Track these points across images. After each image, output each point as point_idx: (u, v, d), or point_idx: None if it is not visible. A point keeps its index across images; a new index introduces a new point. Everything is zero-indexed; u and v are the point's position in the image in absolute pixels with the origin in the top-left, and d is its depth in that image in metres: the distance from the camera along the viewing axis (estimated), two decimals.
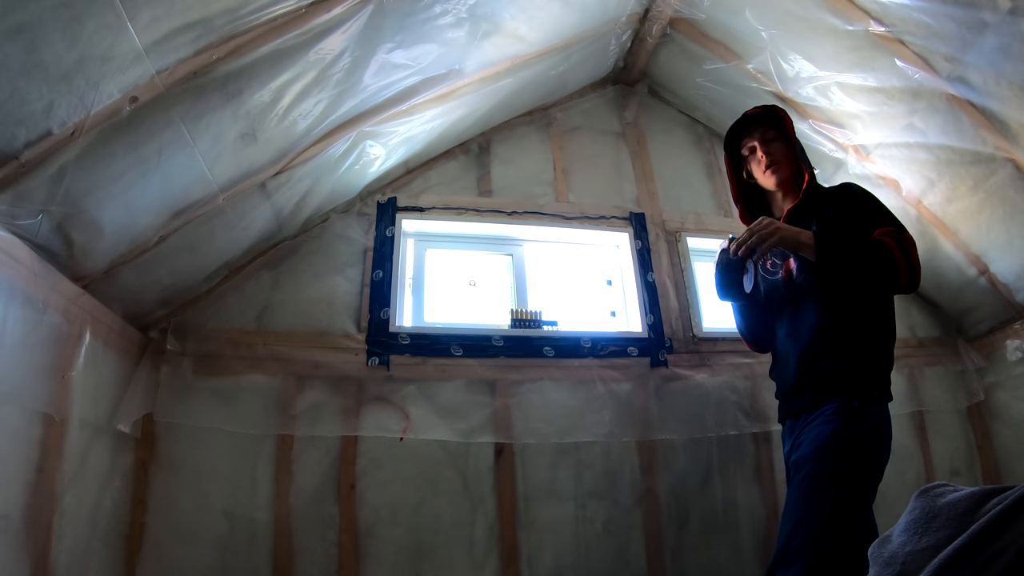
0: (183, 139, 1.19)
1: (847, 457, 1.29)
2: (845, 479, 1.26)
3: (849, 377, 1.37)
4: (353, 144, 1.66)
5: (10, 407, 1.07)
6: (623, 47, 2.26)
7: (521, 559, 1.65)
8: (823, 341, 1.42)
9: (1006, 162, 1.75)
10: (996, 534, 0.55)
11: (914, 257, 1.31)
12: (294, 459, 1.60)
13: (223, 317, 1.70)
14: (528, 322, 1.93)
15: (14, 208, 1.01)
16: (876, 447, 1.33)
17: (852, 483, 1.27)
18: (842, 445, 1.30)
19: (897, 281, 1.31)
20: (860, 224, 1.38)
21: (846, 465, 1.28)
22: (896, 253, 1.30)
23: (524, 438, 1.75)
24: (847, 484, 1.26)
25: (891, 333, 1.44)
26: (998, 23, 1.44)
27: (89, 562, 1.29)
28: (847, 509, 1.23)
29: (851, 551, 1.17)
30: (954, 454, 2.19)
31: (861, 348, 1.39)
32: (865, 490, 1.27)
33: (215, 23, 1.05)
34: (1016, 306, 2.09)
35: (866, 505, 1.27)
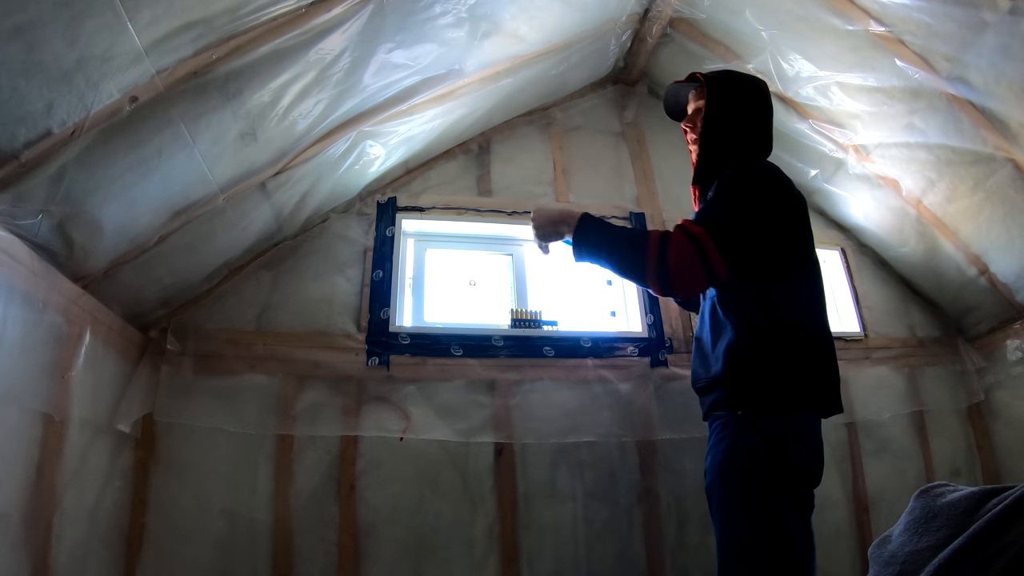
0: (183, 139, 1.19)
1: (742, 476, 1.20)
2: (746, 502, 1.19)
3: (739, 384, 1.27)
4: (353, 144, 1.66)
5: (10, 407, 1.07)
6: (623, 47, 2.26)
7: (521, 559, 1.65)
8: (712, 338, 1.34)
9: (1006, 162, 1.75)
10: (996, 534, 0.55)
11: (675, 258, 1.18)
12: (294, 459, 1.60)
13: (223, 317, 1.70)
14: (528, 322, 1.93)
15: (14, 208, 1.01)
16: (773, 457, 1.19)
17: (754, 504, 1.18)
18: (733, 462, 1.23)
19: (643, 277, 1.22)
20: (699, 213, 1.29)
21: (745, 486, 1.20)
22: (652, 248, 1.20)
23: (524, 438, 1.75)
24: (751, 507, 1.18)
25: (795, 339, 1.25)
26: (998, 23, 1.44)
27: (89, 562, 1.29)
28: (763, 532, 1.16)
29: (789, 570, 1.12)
30: (954, 454, 2.19)
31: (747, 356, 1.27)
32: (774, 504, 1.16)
33: (215, 23, 1.05)
34: (1016, 306, 2.09)
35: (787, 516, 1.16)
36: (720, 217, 1.23)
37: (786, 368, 1.24)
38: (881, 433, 2.12)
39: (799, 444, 1.22)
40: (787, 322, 1.27)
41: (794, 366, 1.24)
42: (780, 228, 1.27)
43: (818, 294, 1.34)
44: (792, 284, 1.30)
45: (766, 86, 1.47)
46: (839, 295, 2.36)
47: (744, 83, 1.45)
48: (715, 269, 1.18)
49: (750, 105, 1.43)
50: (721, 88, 1.42)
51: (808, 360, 1.25)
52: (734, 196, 1.25)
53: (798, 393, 1.24)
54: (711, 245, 1.17)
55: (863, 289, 2.33)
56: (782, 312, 1.27)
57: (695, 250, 1.18)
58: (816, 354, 1.27)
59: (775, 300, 1.27)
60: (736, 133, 1.41)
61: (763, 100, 1.45)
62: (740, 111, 1.42)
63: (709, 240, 1.18)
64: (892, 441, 2.12)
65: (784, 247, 1.29)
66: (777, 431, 1.22)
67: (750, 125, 1.42)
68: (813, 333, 1.28)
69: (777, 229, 1.26)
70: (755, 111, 1.43)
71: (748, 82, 1.46)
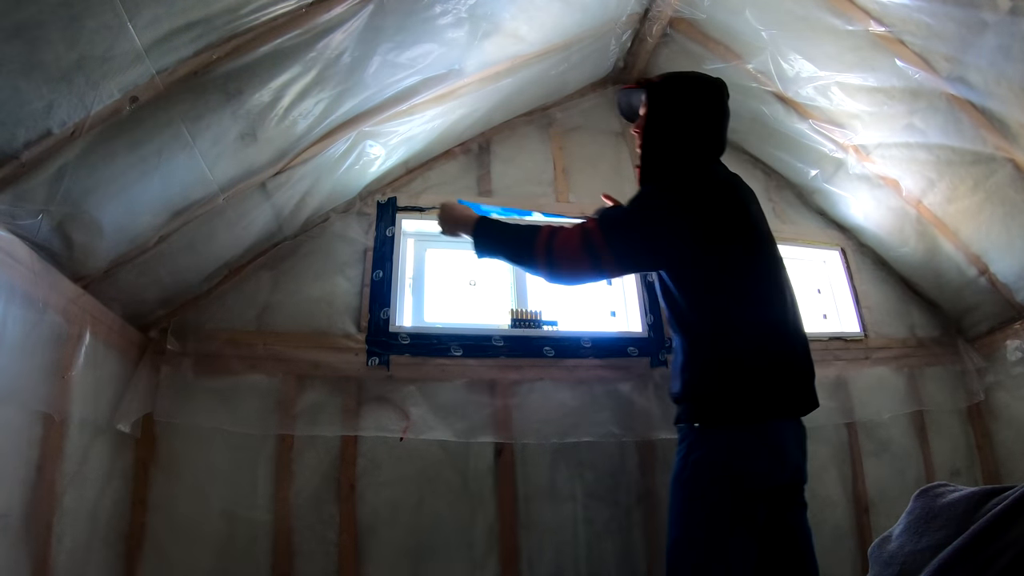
0: (183, 139, 1.19)
1: (698, 491, 1.21)
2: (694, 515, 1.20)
3: (693, 398, 1.29)
4: (353, 144, 1.66)
5: (10, 407, 1.07)
6: (623, 47, 2.26)
7: (521, 559, 1.65)
8: (675, 356, 1.37)
9: (1006, 162, 1.75)
10: (996, 534, 0.55)
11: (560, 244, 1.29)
12: (294, 459, 1.60)
13: (223, 317, 1.70)
14: (528, 322, 1.93)
15: (14, 208, 1.01)
16: (722, 473, 1.20)
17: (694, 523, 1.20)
18: (684, 476, 1.24)
19: (533, 262, 1.33)
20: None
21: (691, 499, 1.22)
22: (543, 237, 1.31)
23: (524, 438, 1.75)
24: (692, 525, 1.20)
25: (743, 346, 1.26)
26: (998, 23, 1.44)
27: (89, 562, 1.29)
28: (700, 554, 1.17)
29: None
30: (954, 454, 2.19)
31: (697, 370, 1.29)
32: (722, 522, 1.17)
33: (215, 23, 1.05)
34: (1016, 306, 2.09)
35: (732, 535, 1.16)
36: (615, 214, 1.34)
37: (735, 377, 1.24)
38: (881, 433, 2.12)
39: (756, 456, 1.20)
40: (733, 330, 1.26)
41: (744, 374, 1.23)
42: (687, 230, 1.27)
43: (770, 295, 1.31)
44: (735, 291, 1.28)
45: (718, 87, 1.45)
46: (839, 295, 2.36)
47: (688, 86, 1.44)
48: (600, 256, 1.27)
49: (692, 109, 1.42)
50: (660, 94, 1.44)
51: (759, 365, 1.24)
52: (639, 199, 1.33)
53: (752, 401, 1.22)
54: (599, 236, 1.28)
55: (863, 289, 2.33)
56: (727, 321, 1.27)
57: (581, 239, 1.28)
58: (768, 356, 1.25)
59: (719, 310, 1.28)
60: (676, 138, 1.41)
61: (709, 102, 1.43)
62: (680, 116, 1.42)
63: (598, 231, 1.28)
64: (892, 441, 2.12)
65: (711, 254, 1.28)
66: (731, 444, 1.21)
67: (692, 129, 1.41)
68: (764, 335, 1.26)
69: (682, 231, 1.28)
70: (698, 114, 1.42)
71: (693, 85, 1.45)
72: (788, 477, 1.24)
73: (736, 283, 1.28)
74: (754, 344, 1.25)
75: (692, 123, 1.42)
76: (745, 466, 1.19)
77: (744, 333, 1.26)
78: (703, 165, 1.39)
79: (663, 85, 1.45)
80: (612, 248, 1.27)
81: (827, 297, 2.41)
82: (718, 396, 1.25)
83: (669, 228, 1.28)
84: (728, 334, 1.26)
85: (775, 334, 1.28)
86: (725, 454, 1.21)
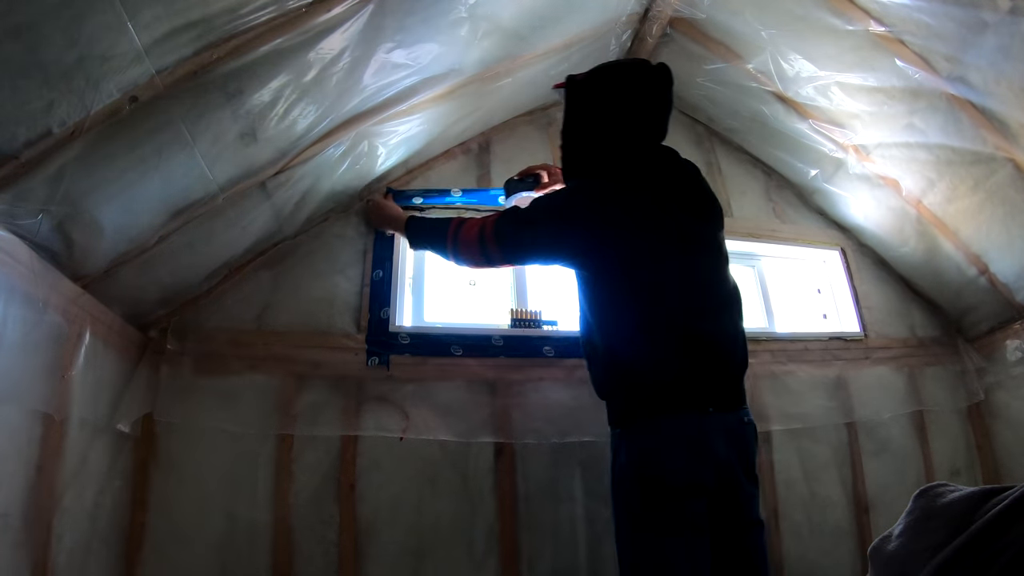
0: (183, 139, 1.19)
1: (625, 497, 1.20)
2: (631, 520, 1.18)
3: (610, 401, 1.30)
4: (353, 144, 1.66)
5: (10, 406, 1.07)
6: (623, 47, 2.26)
7: (521, 559, 1.65)
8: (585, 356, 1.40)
9: (1006, 162, 1.75)
10: (995, 534, 0.55)
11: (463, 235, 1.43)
12: (294, 459, 1.60)
13: (223, 317, 1.70)
14: (528, 322, 1.93)
15: (14, 208, 1.01)
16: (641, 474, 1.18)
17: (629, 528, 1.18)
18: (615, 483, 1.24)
19: (444, 250, 1.50)
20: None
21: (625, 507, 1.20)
22: (450, 230, 1.47)
23: (524, 438, 1.75)
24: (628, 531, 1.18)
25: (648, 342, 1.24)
26: (998, 23, 1.44)
27: (89, 562, 1.29)
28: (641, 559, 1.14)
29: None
30: (954, 454, 2.19)
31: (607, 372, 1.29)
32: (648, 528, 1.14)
33: (215, 23, 1.05)
34: (1016, 306, 2.09)
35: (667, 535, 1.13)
36: (511, 215, 1.42)
37: (636, 375, 1.23)
38: (881, 433, 2.12)
39: (672, 455, 1.16)
40: (631, 326, 1.25)
41: (643, 370, 1.22)
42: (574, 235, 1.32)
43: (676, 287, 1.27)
44: (632, 287, 1.27)
45: (639, 72, 1.42)
46: (839, 295, 2.36)
47: (600, 79, 1.43)
48: (488, 247, 1.40)
49: (602, 102, 1.41)
50: (573, 91, 1.47)
51: (661, 360, 1.21)
52: (534, 203, 1.43)
53: (655, 396, 1.20)
54: (490, 228, 1.40)
55: (863, 289, 2.33)
56: (625, 317, 1.27)
57: (478, 235, 1.41)
58: (672, 350, 1.21)
59: (616, 306, 1.29)
60: (588, 134, 1.43)
61: (624, 90, 1.40)
62: (591, 110, 1.43)
63: (491, 229, 1.40)
64: (892, 441, 2.12)
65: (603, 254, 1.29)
66: (645, 445, 1.19)
67: (604, 122, 1.41)
68: (667, 329, 1.23)
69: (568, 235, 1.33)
70: (610, 106, 1.40)
71: (605, 77, 1.43)
72: (716, 476, 1.18)
73: (635, 279, 1.27)
74: (655, 339, 1.23)
75: (603, 116, 1.41)
76: (660, 464, 1.16)
77: (643, 328, 1.24)
78: (617, 159, 1.38)
79: (578, 82, 1.47)
80: (501, 247, 1.40)
81: (827, 297, 2.41)
82: (625, 396, 1.25)
83: (553, 234, 1.35)
84: (626, 331, 1.26)
85: (682, 327, 1.23)
86: (639, 454, 1.19)
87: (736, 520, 1.21)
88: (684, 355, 1.21)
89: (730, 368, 1.27)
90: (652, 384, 1.21)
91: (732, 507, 1.20)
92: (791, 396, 2.04)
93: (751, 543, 1.21)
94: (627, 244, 1.28)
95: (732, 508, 1.20)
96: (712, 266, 1.36)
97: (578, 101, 1.46)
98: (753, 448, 1.28)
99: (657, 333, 1.23)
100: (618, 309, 1.28)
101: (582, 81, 1.47)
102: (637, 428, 1.22)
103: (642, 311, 1.25)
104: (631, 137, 1.41)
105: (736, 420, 1.26)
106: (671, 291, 1.26)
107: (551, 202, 1.41)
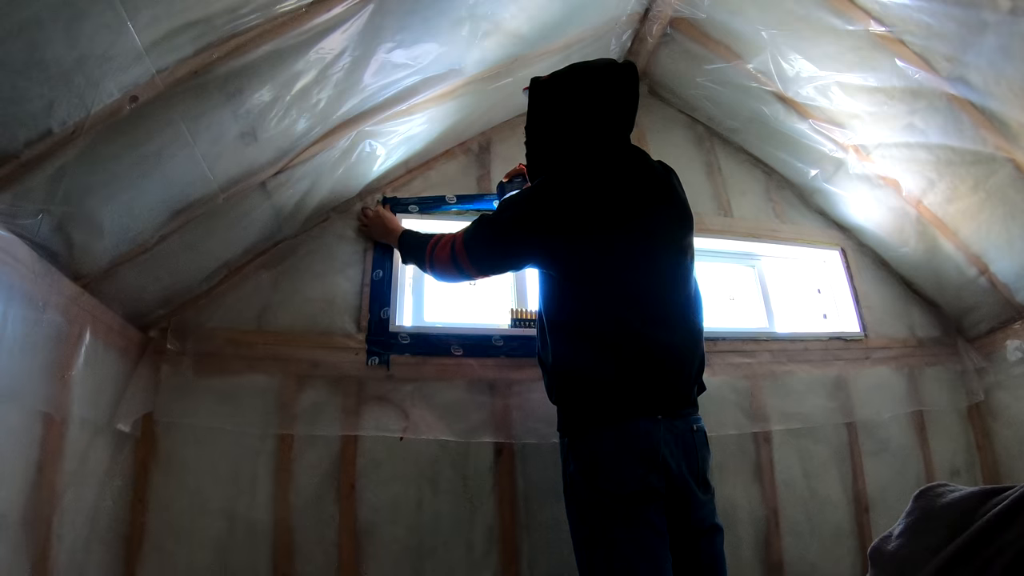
0: (183, 139, 1.19)
1: (578, 507, 1.20)
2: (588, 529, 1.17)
3: (559, 409, 1.30)
4: (353, 143, 1.66)
5: (10, 406, 1.07)
6: (623, 47, 2.26)
7: (521, 559, 1.65)
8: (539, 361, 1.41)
9: (1006, 162, 1.75)
10: (995, 534, 0.55)
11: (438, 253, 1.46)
12: (294, 459, 1.60)
13: (223, 317, 1.70)
14: (528, 322, 1.93)
15: (14, 208, 1.01)
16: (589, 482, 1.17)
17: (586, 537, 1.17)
18: (567, 493, 1.25)
19: (424, 270, 1.56)
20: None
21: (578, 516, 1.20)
22: (428, 247, 1.50)
23: (524, 438, 1.75)
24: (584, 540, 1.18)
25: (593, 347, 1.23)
26: (998, 23, 1.44)
27: (89, 562, 1.29)
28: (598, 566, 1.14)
29: None
30: (954, 454, 2.19)
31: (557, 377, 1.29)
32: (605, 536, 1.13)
33: (215, 22, 1.05)
34: (1016, 306, 2.09)
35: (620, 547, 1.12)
36: (476, 226, 1.43)
37: (585, 384, 1.23)
38: (881, 433, 2.12)
39: (620, 463, 1.15)
40: (587, 331, 1.25)
41: (593, 380, 1.22)
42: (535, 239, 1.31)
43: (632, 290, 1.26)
44: (586, 292, 1.26)
45: (598, 72, 1.40)
46: (839, 295, 2.36)
47: (562, 81, 1.42)
48: (462, 265, 1.43)
49: (563, 102, 1.40)
50: (533, 95, 1.46)
51: (607, 365, 1.20)
52: (496, 210, 1.43)
53: (599, 402, 1.20)
54: (460, 244, 1.42)
55: (863, 289, 2.33)
56: (582, 322, 1.26)
57: (450, 250, 1.44)
58: (622, 360, 1.20)
59: (568, 312, 1.29)
60: (547, 134, 1.44)
61: (581, 90, 1.39)
62: (549, 111, 1.43)
63: (460, 244, 1.42)
64: (892, 441, 2.12)
65: (560, 259, 1.29)
66: (594, 454, 1.18)
67: (562, 122, 1.40)
68: (617, 333, 1.22)
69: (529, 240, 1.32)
70: (567, 106, 1.39)
71: (564, 78, 1.42)
72: (666, 482, 1.17)
73: (592, 286, 1.26)
74: (602, 347, 1.22)
75: (564, 116, 1.40)
76: (608, 472, 1.15)
77: (591, 336, 1.24)
78: (580, 158, 1.36)
79: (539, 84, 1.46)
80: (471, 258, 1.41)
81: (827, 297, 2.41)
82: (572, 402, 1.25)
83: (518, 240, 1.35)
84: (575, 338, 1.26)
85: (633, 335, 1.22)
86: (588, 464, 1.18)
87: (689, 526, 1.20)
88: (632, 363, 1.20)
89: (682, 376, 1.25)
90: (598, 393, 1.21)
91: (684, 513, 1.19)
92: (791, 396, 2.04)
93: (706, 549, 1.20)
94: (590, 245, 1.26)
95: (684, 514, 1.19)
96: (673, 271, 1.33)
97: (541, 102, 1.44)
98: (704, 454, 1.27)
99: (606, 341, 1.22)
100: (568, 316, 1.28)
101: (545, 82, 1.45)
102: (584, 437, 1.21)
103: (592, 319, 1.24)
104: (593, 136, 1.38)
105: (686, 427, 1.25)
106: (627, 299, 1.25)
107: (515, 206, 1.37)
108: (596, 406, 1.20)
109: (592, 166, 1.34)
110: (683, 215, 1.41)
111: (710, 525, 1.22)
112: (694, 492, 1.20)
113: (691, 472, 1.21)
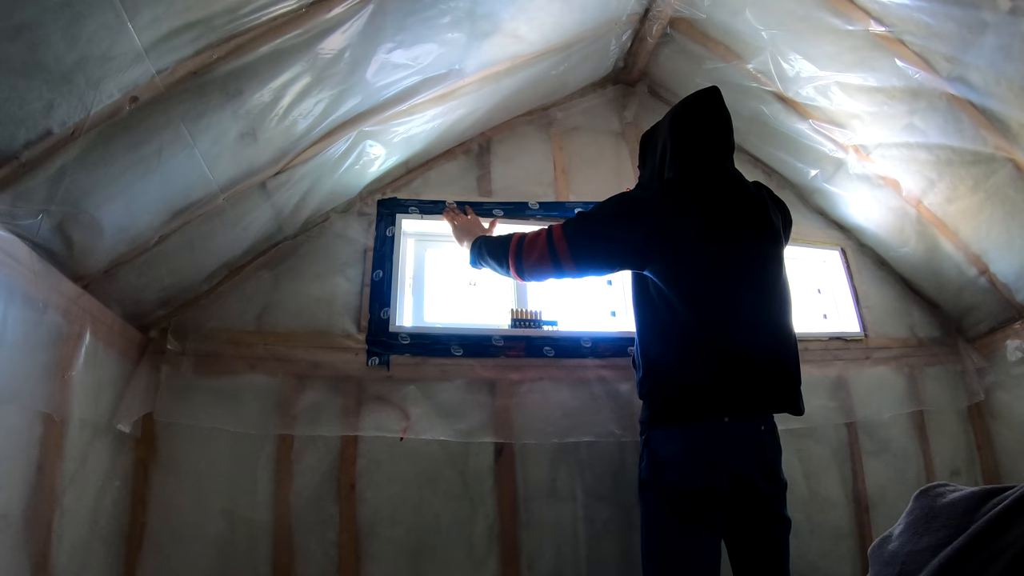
0: (183, 139, 1.19)
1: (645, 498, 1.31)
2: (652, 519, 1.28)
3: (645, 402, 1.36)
4: (353, 144, 1.66)
5: (10, 406, 1.07)
6: (623, 47, 2.26)
7: (521, 559, 1.65)
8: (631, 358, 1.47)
9: (1006, 162, 1.75)
10: (996, 534, 0.55)
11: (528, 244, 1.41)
12: (294, 459, 1.60)
13: (223, 317, 1.70)
14: (528, 322, 1.93)
15: (14, 208, 1.01)
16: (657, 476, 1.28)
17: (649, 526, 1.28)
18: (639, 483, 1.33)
19: (506, 268, 1.47)
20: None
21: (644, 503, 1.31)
22: (513, 242, 1.45)
23: (524, 438, 1.75)
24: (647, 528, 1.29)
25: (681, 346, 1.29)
26: (998, 23, 1.44)
27: (89, 562, 1.29)
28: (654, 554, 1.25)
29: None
30: (954, 454, 2.19)
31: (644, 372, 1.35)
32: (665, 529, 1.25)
33: (215, 23, 1.05)
34: (1016, 306, 2.09)
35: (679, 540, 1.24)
36: (578, 215, 1.42)
37: (664, 380, 1.30)
38: (881, 433, 2.12)
39: (686, 464, 1.24)
40: (671, 336, 1.30)
41: (670, 376, 1.29)
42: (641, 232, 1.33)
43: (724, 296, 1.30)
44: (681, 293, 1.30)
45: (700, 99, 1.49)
46: (839, 295, 2.36)
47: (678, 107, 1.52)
48: (558, 254, 1.37)
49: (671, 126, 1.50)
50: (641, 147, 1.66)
51: (689, 366, 1.27)
52: (602, 203, 1.42)
53: (679, 407, 1.27)
54: (559, 234, 1.38)
55: (863, 289, 2.33)
56: (666, 327, 1.31)
57: (547, 240, 1.39)
58: (701, 363, 1.26)
59: (660, 312, 1.32)
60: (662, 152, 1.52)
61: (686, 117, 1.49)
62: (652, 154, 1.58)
63: (559, 230, 1.38)
64: (892, 441, 2.12)
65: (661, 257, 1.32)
66: (663, 454, 1.28)
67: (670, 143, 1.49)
68: (704, 342, 1.26)
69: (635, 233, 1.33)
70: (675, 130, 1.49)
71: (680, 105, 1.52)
72: (730, 481, 1.23)
73: (684, 288, 1.30)
74: (686, 349, 1.28)
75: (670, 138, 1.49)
76: (674, 471, 1.24)
77: (677, 338, 1.29)
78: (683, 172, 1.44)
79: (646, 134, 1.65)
80: (572, 249, 1.36)
81: (827, 297, 2.41)
82: (652, 401, 1.32)
83: (621, 227, 1.35)
84: (661, 338, 1.32)
85: (716, 340, 1.26)
86: (658, 462, 1.28)
87: (756, 519, 1.28)
88: (711, 367, 1.25)
89: (754, 379, 1.29)
90: (675, 393, 1.28)
91: (750, 508, 1.27)
92: None
93: (774, 539, 1.29)
94: (687, 245, 1.32)
95: (750, 508, 1.27)
96: (761, 280, 1.38)
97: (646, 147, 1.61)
98: (770, 453, 1.32)
99: (690, 344, 1.27)
100: (658, 316, 1.33)
101: (648, 133, 1.62)
102: (658, 434, 1.30)
103: (680, 321, 1.28)
104: (691, 158, 1.46)
105: (753, 429, 1.29)
106: (714, 304, 1.29)
107: (620, 196, 1.42)
108: (670, 407, 1.28)
109: (694, 181, 1.41)
110: (773, 230, 1.45)
111: (777, 516, 1.30)
112: (760, 488, 1.27)
113: (758, 470, 1.27)
